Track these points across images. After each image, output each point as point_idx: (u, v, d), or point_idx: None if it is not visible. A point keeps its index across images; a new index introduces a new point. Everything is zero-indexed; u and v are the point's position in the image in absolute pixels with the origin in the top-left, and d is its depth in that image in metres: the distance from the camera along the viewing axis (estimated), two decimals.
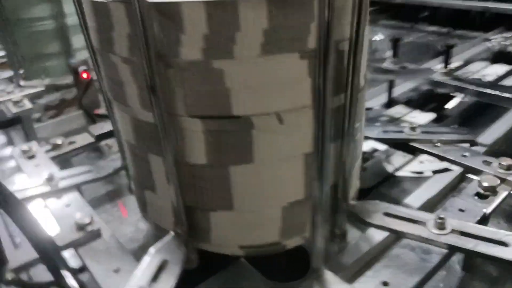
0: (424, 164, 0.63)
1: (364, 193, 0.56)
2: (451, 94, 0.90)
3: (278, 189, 0.43)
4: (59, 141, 0.67)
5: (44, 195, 0.54)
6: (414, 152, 0.61)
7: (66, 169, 0.61)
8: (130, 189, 0.57)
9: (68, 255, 0.46)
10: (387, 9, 1.67)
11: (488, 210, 0.47)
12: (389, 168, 0.64)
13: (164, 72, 0.37)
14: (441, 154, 0.57)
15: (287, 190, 0.43)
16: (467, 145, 0.60)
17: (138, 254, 0.47)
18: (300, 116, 0.40)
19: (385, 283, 0.38)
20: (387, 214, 0.46)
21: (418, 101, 0.94)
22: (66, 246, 0.46)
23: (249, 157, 0.40)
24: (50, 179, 0.56)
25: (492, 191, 0.49)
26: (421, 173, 0.62)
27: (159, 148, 0.40)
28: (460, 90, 0.84)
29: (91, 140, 0.69)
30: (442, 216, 0.43)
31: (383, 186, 0.61)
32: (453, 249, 0.41)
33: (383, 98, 0.93)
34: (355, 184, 0.50)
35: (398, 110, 0.94)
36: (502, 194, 0.49)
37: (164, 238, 0.45)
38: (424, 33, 1.53)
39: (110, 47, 0.40)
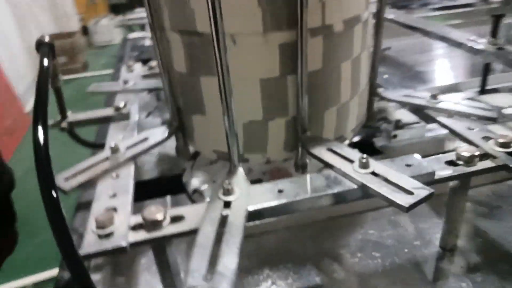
0: None
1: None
2: None
3: (239, 106, 0.51)
4: None
5: None
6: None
7: None
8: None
9: None
10: None
11: (439, 173, 0.45)
12: None
13: None
14: (446, 123, 0.54)
15: (246, 109, 0.51)
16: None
17: None
18: (253, 42, 0.47)
19: (280, 190, 0.44)
20: (329, 149, 0.49)
21: None
22: None
23: (213, 70, 0.50)
24: None
25: (467, 161, 0.46)
26: None
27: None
28: None
29: None
30: (365, 157, 0.44)
31: None
32: (359, 186, 0.43)
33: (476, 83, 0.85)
34: (330, 122, 0.54)
35: (496, 99, 0.84)
36: (475, 167, 0.46)
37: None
38: None
39: None
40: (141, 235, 0.40)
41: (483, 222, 0.56)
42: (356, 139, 0.70)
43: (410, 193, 0.40)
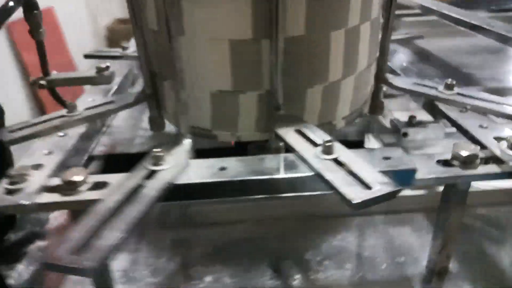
0: None
1: None
2: None
3: (207, 71, 0.45)
4: None
5: None
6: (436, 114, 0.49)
7: None
8: None
9: None
10: None
11: (423, 171, 0.36)
12: None
13: None
14: (454, 118, 0.44)
15: (214, 76, 0.45)
16: None
17: None
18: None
19: (222, 168, 0.37)
20: (297, 130, 0.41)
21: None
22: None
23: (180, 29, 0.44)
24: None
25: (464, 162, 0.36)
26: None
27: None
28: None
29: None
30: (330, 140, 0.36)
31: None
32: (315, 173, 0.35)
33: None
34: (313, 103, 0.46)
35: None
36: (474, 171, 0.36)
37: None
38: None
39: None
40: (53, 197, 0.35)
41: (491, 246, 0.46)
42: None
43: (368, 187, 0.32)
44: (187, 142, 0.40)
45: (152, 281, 0.43)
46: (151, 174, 0.35)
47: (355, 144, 0.56)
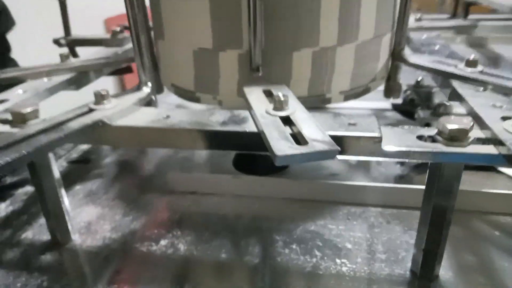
0: None
1: None
2: None
3: (188, 26, 0.42)
4: None
5: None
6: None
7: None
8: None
9: None
10: None
11: (390, 143, 0.29)
12: None
13: None
14: (465, 96, 0.36)
15: (196, 32, 0.42)
16: None
17: None
18: None
19: (167, 116, 0.34)
20: (264, 91, 0.37)
21: None
22: None
23: None
24: None
25: (450, 138, 0.29)
26: None
27: None
28: None
29: None
30: (283, 97, 0.31)
31: None
32: (257, 129, 0.30)
33: None
34: (300, 69, 0.41)
35: None
36: (461, 149, 0.29)
37: None
38: None
39: None
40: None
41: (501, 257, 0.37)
42: None
43: (304, 143, 0.26)
44: (145, 90, 0.38)
45: (109, 236, 0.42)
46: (89, 112, 0.33)
47: None
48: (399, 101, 0.62)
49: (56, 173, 0.37)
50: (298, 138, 0.27)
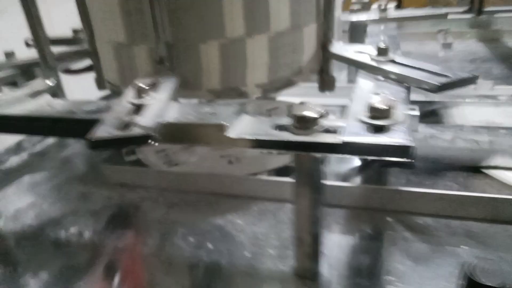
0: None
1: None
2: None
3: (105, 21, 0.44)
4: None
5: None
6: None
7: None
8: None
9: None
10: None
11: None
12: None
13: None
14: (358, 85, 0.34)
15: (113, 27, 0.43)
16: None
17: None
18: None
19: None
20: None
21: None
22: None
23: None
24: None
25: (296, 124, 0.28)
26: None
27: None
28: None
29: None
30: (141, 87, 0.31)
31: None
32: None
33: None
34: (209, 62, 0.41)
35: None
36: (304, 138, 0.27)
37: None
38: None
39: None
40: None
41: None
42: None
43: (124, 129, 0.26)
44: (40, 83, 0.40)
45: (29, 223, 0.44)
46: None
47: None
48: None
49: None
50: (130, 125, 0.27)
